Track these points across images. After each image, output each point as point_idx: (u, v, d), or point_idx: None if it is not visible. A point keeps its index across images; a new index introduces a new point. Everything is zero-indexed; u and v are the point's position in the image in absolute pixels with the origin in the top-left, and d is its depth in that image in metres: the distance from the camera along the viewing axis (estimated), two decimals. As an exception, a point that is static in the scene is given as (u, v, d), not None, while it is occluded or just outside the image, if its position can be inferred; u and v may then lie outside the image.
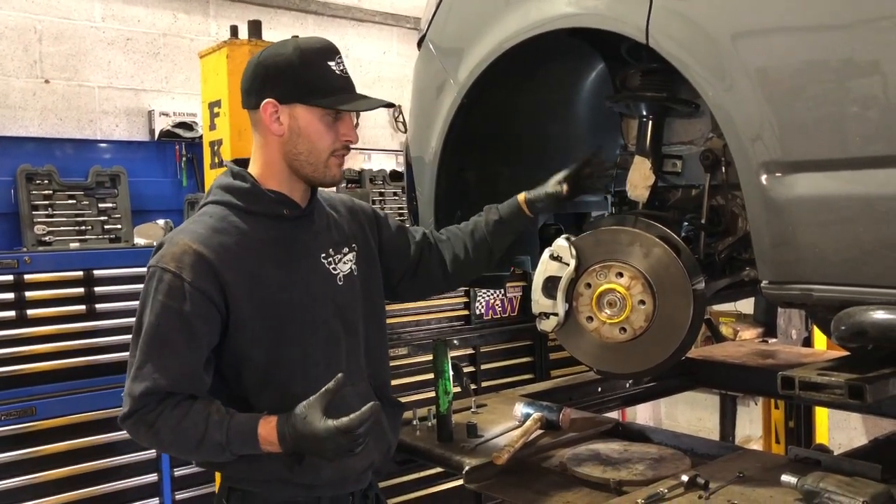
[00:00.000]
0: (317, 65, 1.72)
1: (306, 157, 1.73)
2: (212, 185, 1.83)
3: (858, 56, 1.43)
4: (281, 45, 1.76)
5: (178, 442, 1.67)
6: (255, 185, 1.75)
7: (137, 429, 1.67)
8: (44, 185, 4.02)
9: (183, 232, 1.71)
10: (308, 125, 1.72)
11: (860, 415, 4.48)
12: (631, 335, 1.87)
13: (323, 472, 1.72)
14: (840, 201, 1.48)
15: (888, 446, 2.03)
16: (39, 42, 4.45)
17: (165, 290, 1.63)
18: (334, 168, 1.77)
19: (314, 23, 5.50)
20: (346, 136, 1.76)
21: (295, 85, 1.70)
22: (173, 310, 1.63)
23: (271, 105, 1.71)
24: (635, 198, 2.06)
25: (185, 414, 1.64)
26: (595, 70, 2.29)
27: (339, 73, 1.74)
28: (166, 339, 1.64)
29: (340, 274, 1.84)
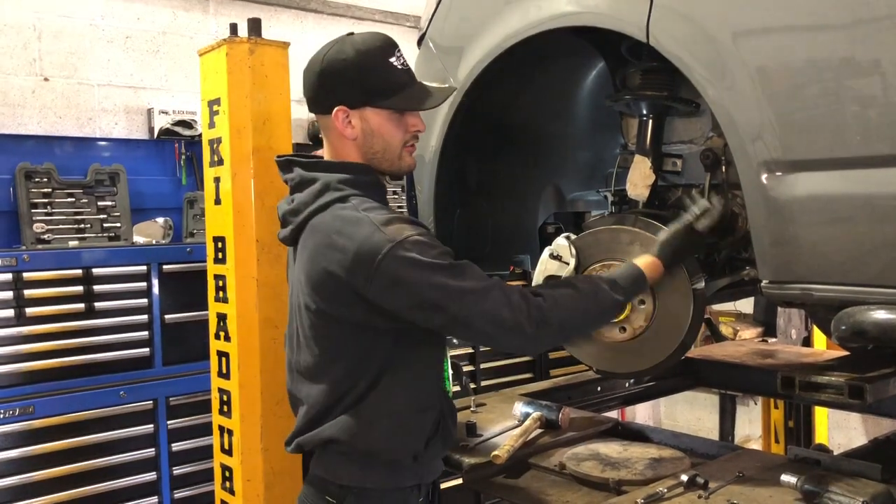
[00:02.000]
0: (379, 64, 1.75)
1: (382, 155, 1.78)
2: (322, 182, 1.76)
3: (858, 55, 1.43)
4: (340, 49, 1.77)
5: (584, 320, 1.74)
6: (377, 177, 1.80)
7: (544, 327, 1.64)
8: (43, 183, 4.00)
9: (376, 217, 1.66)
10: (380, 126, 1.76)
11: (860, 415, 4.47)
12: (631, 334, 1.87)
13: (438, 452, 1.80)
14: (840, 200, 1.48)
15: (888, 446, 2.02)
16: (39, 40, 4.44)
17: (423, 250, 1.61)
18: (407, 158, 1.81)
19: (314, 21, 5.49)
20: (415, 127, 1.80)
21: (361, 89, 1.73)
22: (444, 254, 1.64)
23: (342, 112, 1.74)
24: (635, 197, 2.06)
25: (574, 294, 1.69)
26: (595, 69, 2.28)
27: (400, 67, 1.77)
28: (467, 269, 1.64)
29: None
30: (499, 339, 1.68)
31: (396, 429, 1.73)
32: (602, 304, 1.72)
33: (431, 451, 1.78)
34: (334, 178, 1.75)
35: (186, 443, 3.58)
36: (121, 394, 3.43)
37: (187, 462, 3.59)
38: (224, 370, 2.56)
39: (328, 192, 1.74)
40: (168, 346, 3.56)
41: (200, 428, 3.50)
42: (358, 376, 1.73)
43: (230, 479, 2.61)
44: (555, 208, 2.44)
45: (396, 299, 1.64)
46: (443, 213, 2.26)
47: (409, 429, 1.74)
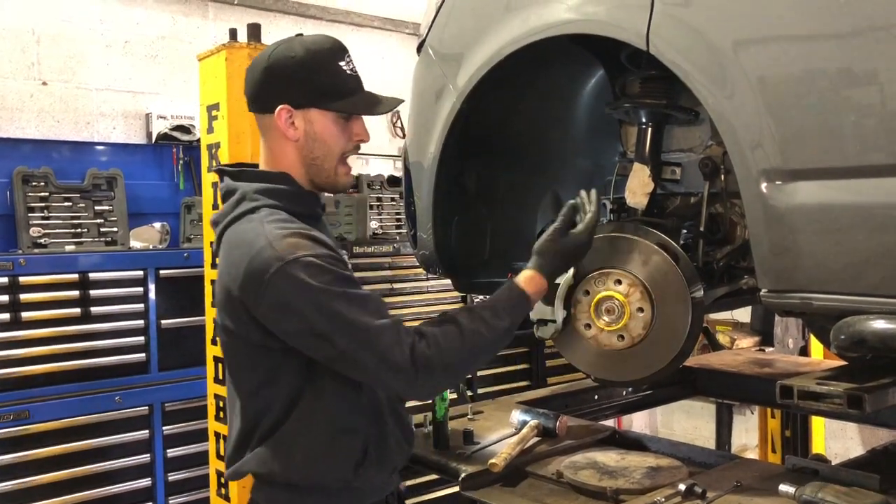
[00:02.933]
0: (328, 66, 1.68)
1: (321, 161, 1.70)
2: (240, 191, 1.69)
3: (857, 65, 1.43)
4: (288, 47, 1.70)
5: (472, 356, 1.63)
6: (298, 187, 1.70)
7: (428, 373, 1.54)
8: (40, 187, 4.00)
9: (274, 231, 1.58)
10: (324, 129, 1.69)
11: (857, 425, 4.47)
12: (629, 343, 1.86)
13: (376, 472, 1.70)
14: (840, 210, 1.48)
15: (886, 456, 2.02)
16: (37, 44, 4.44)
17: (315, 273, 1.51)
18: (343, 175, 1.74)
19: (313, 27, 5.50)
20: (358, 136, 1.74)
21: (309, 89, 1.66)
22: (337, 280, 1.53)
23: (286, 111, 1.66)
24: (634, 205, 2.06)
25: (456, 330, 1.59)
26: (595, 77, 2.29)
27: (349, 72, 1.71)
28: (361, 300, 1.54)
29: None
30: (385, 381, 1.59)
31: (315, 457, 1.63)
32: (487, 336, 1.62)
33: (364, 476, 1.67)
34: (251, 187, 1.68)
35: (182, 449, 3.57)
36: (116, 399, 3.42)
37: (182, 468, 3.58)
38: (220, 376, 2.56)
39: (243, 202, 1.67)
40: (164, 352, 3.55)
41: (196, 434, 3.50)
42: (270, 401, 1.63)
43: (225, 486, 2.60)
44: (554, 215, 2.44)
45: (283, 323, 1.54)
46: (441, 220, 2.25)
47: (331, 456, 1.64)
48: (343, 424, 1.65)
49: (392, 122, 5.90)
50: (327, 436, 1.64)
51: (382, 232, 4.97)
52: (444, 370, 1.58)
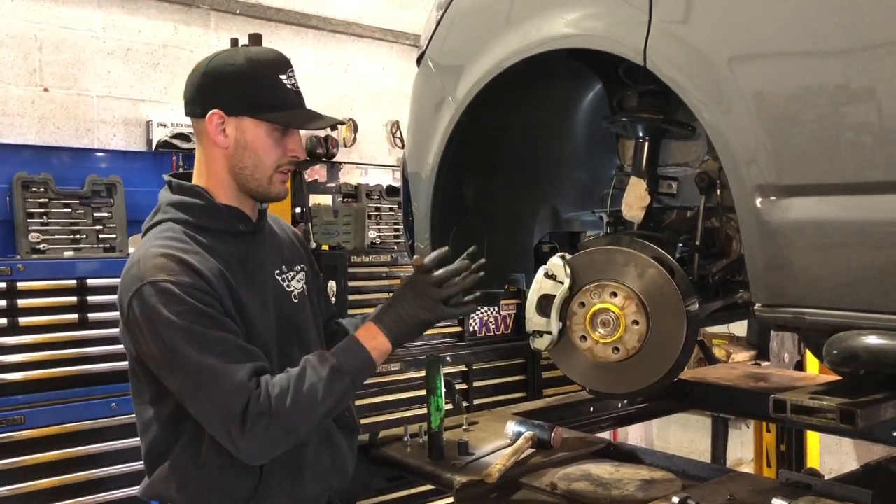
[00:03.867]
0: (268, 77, 1.65)
1: (251, 172, 1.67)
2: (160, 200, 1.72)
3: (852, 82, 1.44)
4: (230, 54, 1.70)
5: (306, 413, 1.53)
6: (210, 201, 1.67)
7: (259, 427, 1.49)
8: (39, 193, 4.01)
9: (151, 249, 1.58)
10: (255, 139, 1.66)
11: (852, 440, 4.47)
12: (624, 355, 1.87)
13: (277, 499, 1.65)
14: (834, 226, 1.49)
15: (879, 472, 2.03)
16: (39, 50, 4.46)
17: (167, 301, 1.49)
18: (279, 184, 1.70)
19: (314, 37, 5.53)
20: (293, 152, 1.70)
21: (244, 97, 1.64)
22: (190, 313, 1.50)
23: (217, 116, 1.64)
24: (630, 218, 2.07)
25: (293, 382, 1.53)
26: (592, 91, 2.30)
27: (290, 87, 1.68)
28: (206, 339, 1.50)
29: (294, 291, 1.79)
30: (218, 433, 1.52)
31: (206, 488, 1.60)
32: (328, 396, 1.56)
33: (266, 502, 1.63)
34: (167, 199, 1.69)
35: (176, 456, 3.56)
36: (112, 406, 3.42)
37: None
38: (216, 384, 2.55)
39: (157, 214, 1.69)
40: (160, 359, 3.55)
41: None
42: (162, 424, 1.63)
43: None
44: (550, 228, 2.45)
45: (139, 345, 1.55)
46: (439, 231, 2.26)
47: (221, 487, 1.61)
48: (225, 456, 1.58)
49: (391, 133, 5.92)
50: (215, 467, 1.60)
51: (381, 241, 4.98)
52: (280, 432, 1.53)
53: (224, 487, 1.62)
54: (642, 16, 1.68)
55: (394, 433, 2.31)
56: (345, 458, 1.83)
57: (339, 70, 5.62)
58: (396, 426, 2.34)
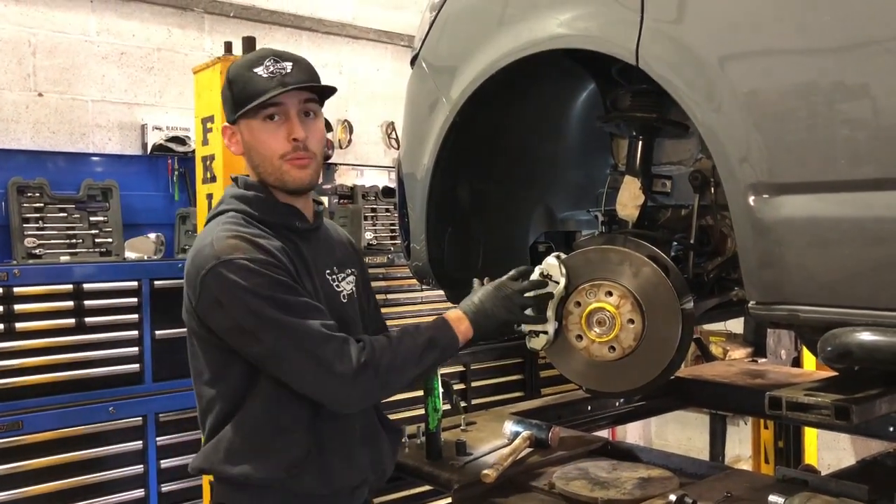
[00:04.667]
0: (242, 76, 1.72)
1: (263, 168, 1.75)
2: (225, 193, 1.82)
3: (844, 80, 1.44)
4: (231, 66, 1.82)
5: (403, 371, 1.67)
6: (271, 196, 1.76)
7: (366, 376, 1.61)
8: (35, 198, 4.01)
9: (221, 232, 1.66)
10: (251, 136, 1.74)
11: (849, 435, 4.48)
12: (620, 354, 1.87)
13: (318, 480, 1.70)
14: (826, 223, 1.50)
15: (875, 467, 2.03)
16: (33, 55, 4.46)
17: (246, 276, 1.58)
18: (292, 171, 1.73)
19: (308, 39, 5.54)
20: (292, 135, 1.71)
21: (231, 104, 1.74)
22: (270, 284, 1.59)
23: (227, 129, 1.78)
24: (625, 217, 2.08)
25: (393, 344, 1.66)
26: (586, 90, 2.31)
27: (265, 75, 1.69)
28: (292, 304, 1.59)
29: (344, 292, 1.86)
30: (317, 383, 1.61)
31: (253, 454, 1.67)
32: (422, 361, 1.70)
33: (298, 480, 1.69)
34: (231, 192, 1.79)
35: (176, 459, 3.55)
36: (110, 410, 3.41)
37: (176, 479, 3.56)
38: (214, 387, 2.56)
39: (221, 204, 1.78)
40: (158, 362, 3.54)
41: (190, 444, 3.49)
42: (218, 397, 1.70)
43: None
44: (545, 227, 2.46)
45: (216, 319, 1.63)
46: (435, 232, 2.27)
47: (267, 453, 1.67)
48: (281, 425, 1.68)
49: (387, 134, 5.93)
50: (264, 435, 1.68)
51: (377, 243, 4.98)
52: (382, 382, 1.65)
53: (270, 453, 1.67)
54: (634, 16, 1.68)
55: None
56: (384, 457, 1.88)
57: (333, 72, 5.62)
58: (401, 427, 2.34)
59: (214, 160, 2.59)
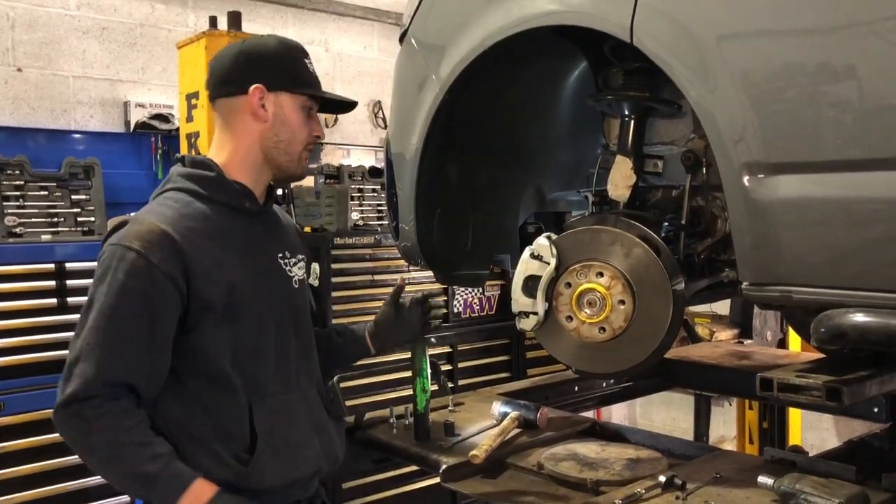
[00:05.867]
0: (298, 59, 1.79)
1: (285, 147, 1.76)
2: (171, 172, 1.78)
3: (836, 60, 1.44)
4: (260, 40, 1.82)
5: (106, 453, 1.56)
6: (220, 175, 1.73)
7: (71, 423, 1.56)
8: (15, 176, 3.93)
9: (149, 213, 1.67)
10: (291, 114, 1.75)
11: (832, 416, 4.53)
12: (610, 335, 1.86)
13: (269, 476, 1.67)
14: (819, 203, 1.49)
15: (862, 448, 2.05)
16: (12, 29, 4.37)
17: (127, 270, 1.57)
18: (304, 162, 1.80)
19: (294, 16, 5.46)
20: (316, 132, 1.81)
21: (284, 73, 1.75)
22: (136, 291, 1.57)
23: (259, 90, 1.72)
24: (616, 197, 2.06)
25: (131, 428, 1.55)
26: (577, 69, 2.28)
27: (312, 70, 1.81)
28: (125, 322, 1.57)
29: (295, 277, 1.85)
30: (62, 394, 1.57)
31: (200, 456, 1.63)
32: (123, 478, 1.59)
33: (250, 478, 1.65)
34: (178, 170, 1.77)
35: (160, 440, 3.54)
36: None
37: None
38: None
39: (167, 183, 1.76)
40: (142, 343, 3.51)
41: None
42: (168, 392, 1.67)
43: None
44: (535, 208, 2.44)
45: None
46: (423, 212, 2.24)
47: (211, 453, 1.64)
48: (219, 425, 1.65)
49: (374, 113, 5.87)
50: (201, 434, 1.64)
51: (364, 223, 4.95)
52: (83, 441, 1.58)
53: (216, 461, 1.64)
54: (629, -8, 1.66)
55: (379, 415, 2.30)
56: (335, 445, 1.85)
57: (319, 49, 5.55)
58: (382, 408, 2.33)
59: (199, 137, 2.55)
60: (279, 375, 1.73)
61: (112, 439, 1.55)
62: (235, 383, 1.67)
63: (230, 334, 1.67)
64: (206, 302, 1.63)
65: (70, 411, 1.56)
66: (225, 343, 1.66)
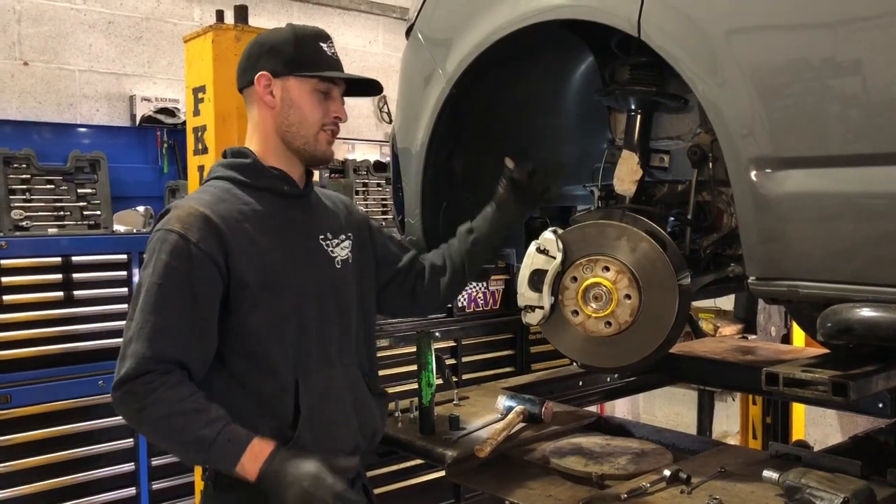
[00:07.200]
0: (310, 44, 1.80)
1: (297, 129, 1.79)
2: (213, 165, 1.86)
3: (843, 54, 1.43)
4: (277, 28, 1.86)
5: (163, 425, 1.60)
6: (256, 161, 1.80)
7: (126, 400, 1.60)
8: (21, 170, 3.94)
9: (189, 199, 1.75)
10: (300, 97, 1.78)
11: (836, 411, 4.53)
12: (616, 329, 1.86)
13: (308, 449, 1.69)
14: (827, 198, 1.49)
15: (867, 443, 2.05)
16: (18, 23, 4.38)
17: (169, 251, 1.63)
18: (324, 143, 1.82)
19: (299, 10, 5.46)
20: (335, 113, 1.82)
21: (289, 59, 1.78)
22: (177, 271, 1.62)
23: (265, 78, 1.77)
24: (622, 192, 2.06)
25: (185, 398, 1.59)
26: (584, 63, 2.28)
27: (330, 54, 1.82)
28: (170, 300, 1.62)
29: (338, 258, 1.88)
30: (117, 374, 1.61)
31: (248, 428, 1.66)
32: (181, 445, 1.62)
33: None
34: (218, 162, 1.84)
35: (165, 433, 3.55)
36: (99, 383, 3.40)
37: (166, 453, 3.56)
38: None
39: (210, 175, 1.83)
40: (148, 336, 3.52)
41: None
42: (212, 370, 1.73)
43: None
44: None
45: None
46: (429, 206, 2.24)
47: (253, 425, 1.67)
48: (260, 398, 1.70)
49: (379, 108, 5.87)
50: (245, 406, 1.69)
51: (368, 217, 4.95)
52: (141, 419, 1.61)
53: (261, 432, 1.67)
54: (636, -14, 1.65)
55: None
56: (375, 421, 1.89)
57: (324, 44, 5.55)
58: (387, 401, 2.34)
59: (206, 131, 2.55)
60: (320, 353, 1.78)
61: (167, 411, 1.58)
62: (276, 363, 1.71)
63: (269, 314, 1.71)
64: (244, 281, 1.68)
65: (125, 390, 1.59)
66: (264, 323, 1.71)
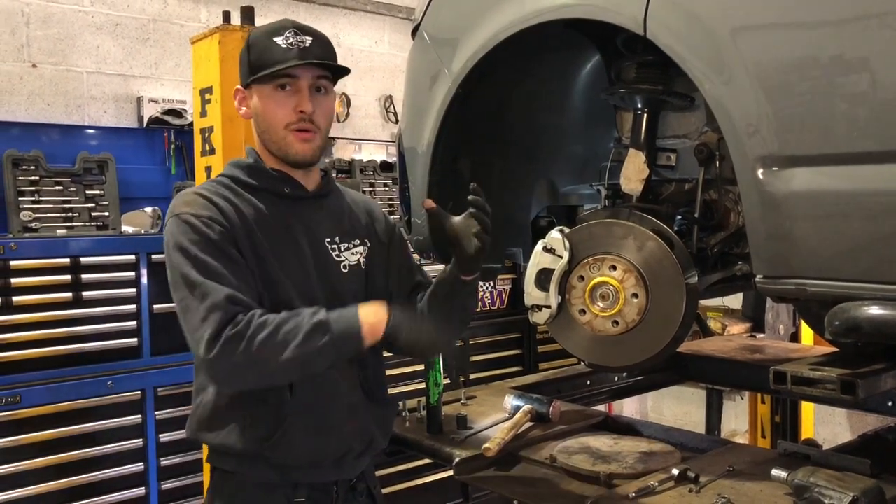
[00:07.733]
0: (261, 44, 1.75)
1: (268, 136, 1.77)
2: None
3: (849, 52, 1.42)
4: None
5: (276, 338, 1.55)
6: (257, 161, 1.80)
7: (229, 349, 1.54)
8: (30, 171, 3.96)
9: (189, 189, 1.78)
10: (259, 103, 1.76)
11: (845, 410, 4.51)
12: (623, 328, 1.86)
13: (295, 450, 1.70)
14: (834, 196, 1.48)
15: (876, 442, 2.04)
16: (27, 25, 4.40)
17: (186, 230, 1.64)
18: (295, 144, 1.74)
19: (306, 11, 5.46)
20: (299, 107, 1.72)
21: (245, 68, 1.77)
22: (200, 241, 1.63)
23: (239, 92, 1.81)
24: (629, 191, 2.06)
25: (274, 317, 1.57)
26: (590, 62, 2.28)
27: (284, 45, 1.71)
28: (207, 263, 1.60)
29: (346, 262, 1.83)
30: (197, 349, 1.59)
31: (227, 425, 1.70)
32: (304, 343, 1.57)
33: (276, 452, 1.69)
34: (229, 162, 1.87)
35: (174, 433, 3.56)
36: (108, 384, 3.41)
37: (175, 453, 3.57)
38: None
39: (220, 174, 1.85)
40: (156, 337, 3.53)
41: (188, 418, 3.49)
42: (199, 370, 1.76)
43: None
44: (548, 202, 2.44)
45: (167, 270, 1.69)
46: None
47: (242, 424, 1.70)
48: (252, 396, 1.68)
49: (385, 108, 5.87)
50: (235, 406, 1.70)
51: (375, 217, 4.95)
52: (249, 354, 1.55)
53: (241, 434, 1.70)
54: (642, -15, 1.65)
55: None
56: (368, 425, 1.83)
57: (331, 44, 5.55)
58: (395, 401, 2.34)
59: (213, 132, 2.56)
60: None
61: (273, 326, 1.56)
62: None
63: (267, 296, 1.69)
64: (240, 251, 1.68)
65: (223, 340, 1.54)
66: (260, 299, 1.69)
